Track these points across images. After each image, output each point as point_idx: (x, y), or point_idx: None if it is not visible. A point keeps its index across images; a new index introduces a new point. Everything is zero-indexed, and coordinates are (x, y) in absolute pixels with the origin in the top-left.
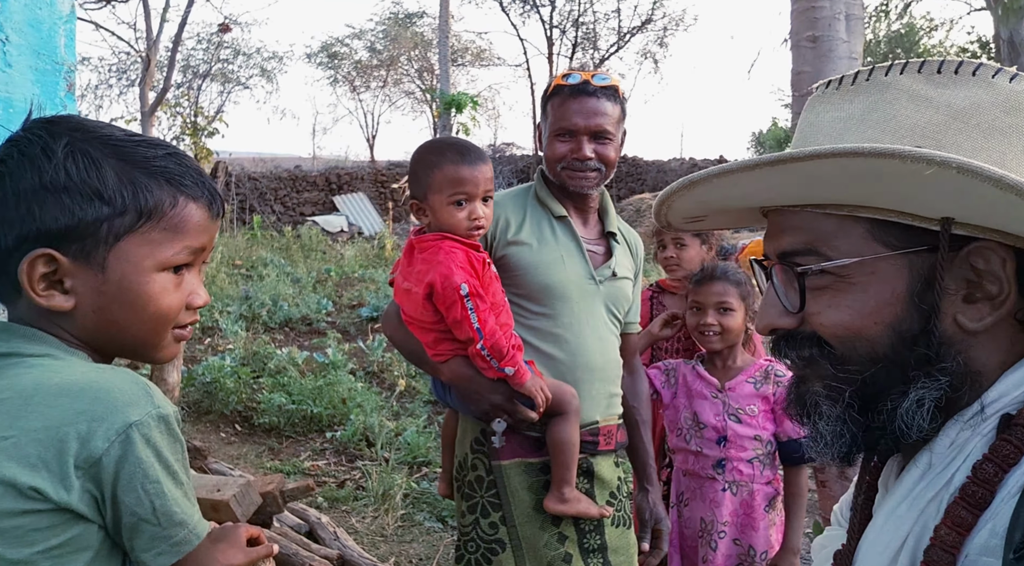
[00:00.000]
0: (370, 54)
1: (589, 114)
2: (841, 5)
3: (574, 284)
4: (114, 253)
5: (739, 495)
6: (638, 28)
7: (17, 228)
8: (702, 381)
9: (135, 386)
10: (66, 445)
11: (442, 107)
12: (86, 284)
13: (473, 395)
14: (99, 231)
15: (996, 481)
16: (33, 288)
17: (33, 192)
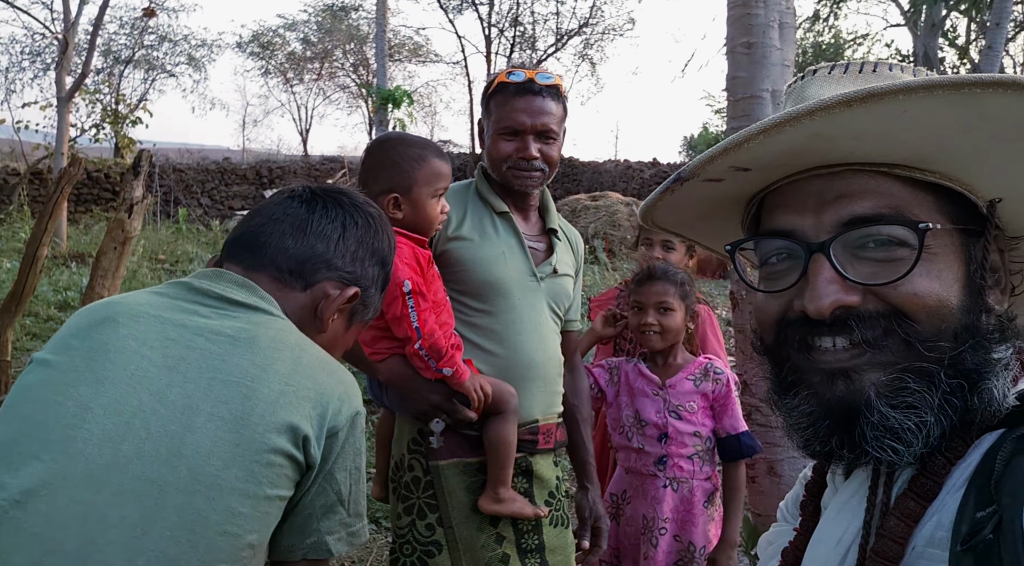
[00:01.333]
0: (304, 46)
1: (534, 113)
2: (775, 13)
3: (515, 281)
4: (356, 326)
5: (679, 491)
6: (576, 31)
7: (352, 263)
8: (644, 379)
9: (355, 382)
10: (326, 411)
11: (378, 102)
12: (339, 326)
13: (411, 395)
14: (369, 307)
15: (944, 474)
16: (334, 305)
17: (376, 254)
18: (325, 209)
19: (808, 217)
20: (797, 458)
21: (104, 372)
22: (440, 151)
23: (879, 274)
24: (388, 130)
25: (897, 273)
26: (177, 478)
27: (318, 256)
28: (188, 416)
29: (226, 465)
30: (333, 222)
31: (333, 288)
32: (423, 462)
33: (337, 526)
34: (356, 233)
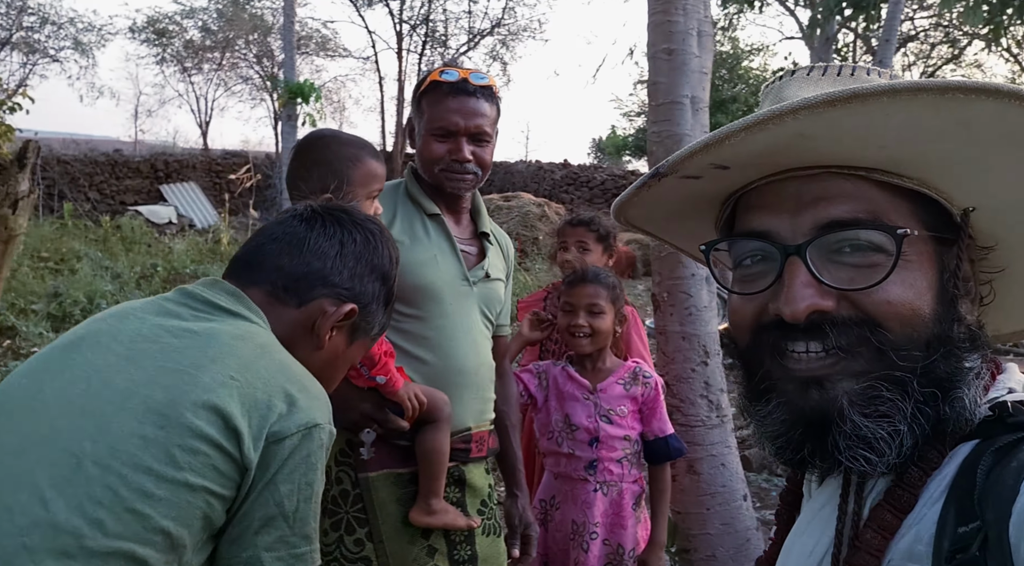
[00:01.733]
0: (203, 34)
1: (469, 114)
2: (694, 21)
3: (447, 285)
4: (358, 343)
5: (609, 495)
6: (488, 31)
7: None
8: (573, 383)
9: (326, 398)
10: (270, 413)
11: (286, 95)
12: (337, 344)
13: (341, 403)
14: (371, 323)
15: (920, 485)
16: (330, 321)
17: (377, 270)
18: (324, 227)
19: (785, 219)
20: (716, 457)
21: (69, 361)
22: (376, 152)
23: (855, 279)
24: (297, 125)
25: (873, 279)
26: (96, 453)
27: (314, 273)
28: (124, 398)
29: (147, 445)
30: (331, 239)
31: (330, 305)
32: (352, 474)
33: (277, 543)
34: (354, 250)
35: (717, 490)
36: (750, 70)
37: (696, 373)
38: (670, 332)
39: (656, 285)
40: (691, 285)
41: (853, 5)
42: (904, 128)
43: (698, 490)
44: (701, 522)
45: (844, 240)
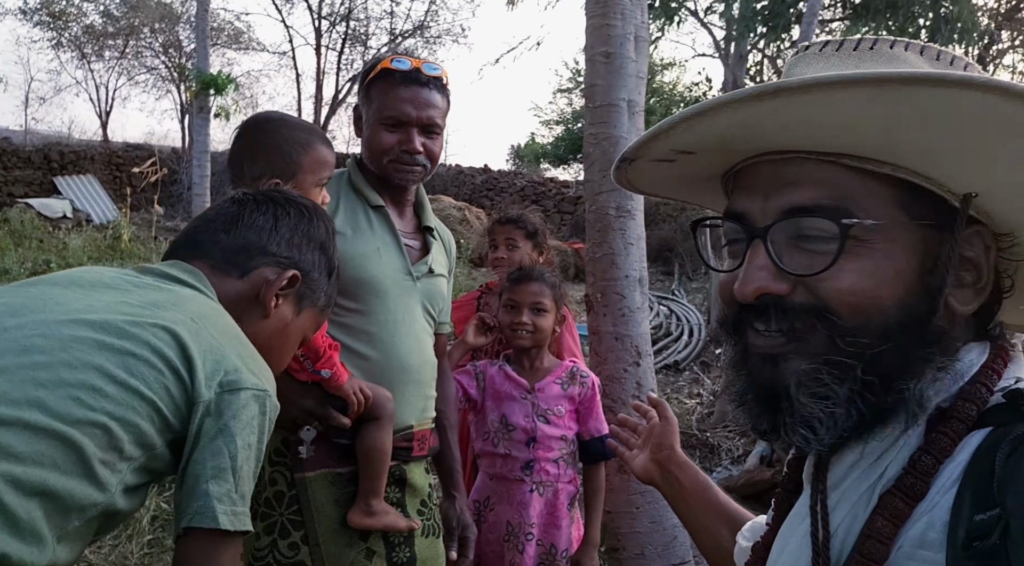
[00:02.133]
0: (104, 20)
1: (421, 105)
2: (631, 26)
3: (390, 279)
4: (306, 311)
5: (545, 495)
6: (410, 33)
7: (287, 248)
8: (511, 382)
9: (273, 377)
10: (224, 361)
11: (198, 87)
12: (284, 314)
13: (280, 399)
14: (316, 292)
15: (933, 473)
16: (273, 287)
17: (314, 241)
18: (256, 205)
19: (757, 201)
20: None
21: (23, 290)
22: (326, 138)
23: (812, 265)
24: (209, 118)
25: (822, 266)
26: (47, 346)
27: (252, 245)
28: (83, 313)
29: (101, 349)
30: (265, 214)
31: (271, 273)
32: (287, 475)
33: (225, 497)
34: (289, 222)
35: (646, 489)
36: (664, 84)
37: (628, 373)
38: (603, 333)
39: (590, 286)
40: (624, 286)
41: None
42: (854, 119)
43: (628, 489)
44: (630, 521)
45: (800, 227)
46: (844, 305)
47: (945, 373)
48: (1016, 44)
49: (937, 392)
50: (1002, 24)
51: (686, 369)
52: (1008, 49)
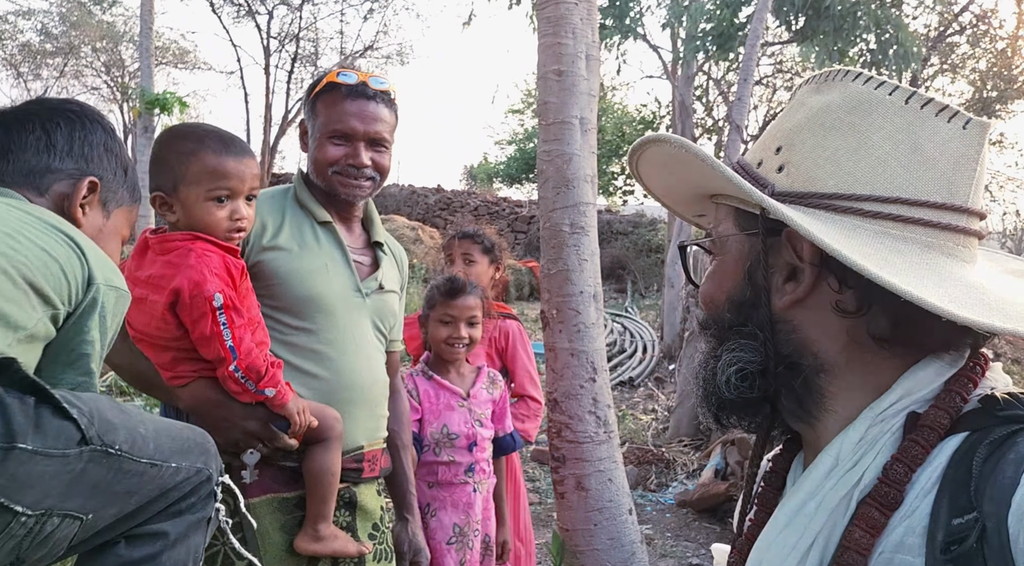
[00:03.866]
0: (42, 38)
1: (368, 119)
2: (583, 45)
3: (339, 296)
4: (116, 212)
5: (482, 492)
6: (360, 53)
7: (73, 160)
8: (447, 392)
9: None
10: (82, 256)
11: (143, 107)
12: (95, 220)
13: (222, 423)
14: (119, 192)
15: (905, 481)
16: (75, 200)
17: (98, 144)
18: (20, 123)
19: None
20: (604, 472)
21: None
22: (226, 145)
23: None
24: (152, 138)
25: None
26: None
27: (35, 167)
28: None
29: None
30: (34, 132)
31: (67, 187)
32: (230, 501)
33: (94, 367)
34: (63, 133)
35: (604, 505)
36: (612, 104)
37: (584, 389)
38: (559, 349)
39: (545, 302)
40: (579, 302)
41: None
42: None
43: (586, 506)
44: (588, 538)
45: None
46: (702, 305)
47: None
48: (945, 67)
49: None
50: (932, 48)
51: (640, 385)
52: (938, 72)
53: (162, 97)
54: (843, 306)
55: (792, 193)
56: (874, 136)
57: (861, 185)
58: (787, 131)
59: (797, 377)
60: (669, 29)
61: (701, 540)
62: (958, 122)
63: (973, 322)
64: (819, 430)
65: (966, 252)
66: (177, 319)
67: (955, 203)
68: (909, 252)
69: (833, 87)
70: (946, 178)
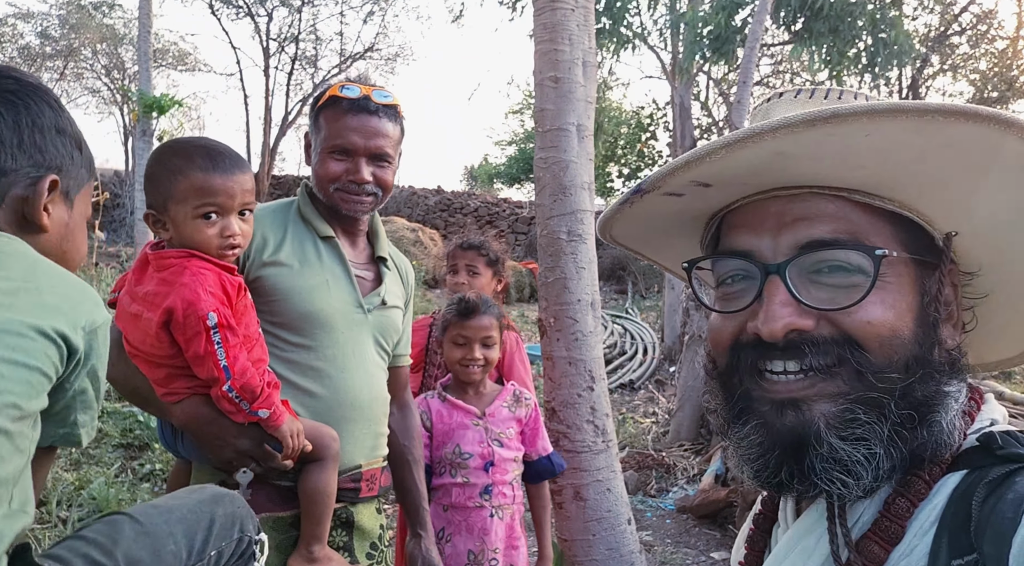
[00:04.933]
0: (42, 40)
1: (369, 134)
2: (579, 52)
3: (339, 312)
4: (78, 197)
5: (504, 519)
6: (360, 55)
7: (25, 155)
8: (460, 411)
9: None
10: (81, 307)
11: (141, 109)
12: (60, 215)
13: (215, 441)
14: (78, 176)
15: (907, 516)
16: (37, 204)
17: (48, 128)
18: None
19: (766, 238)
20: (602, 482)
21: None
22: (214, 161)
23: (834, 299)
24: (152, 141)
25: (851, 299)
26: None
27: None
28: None
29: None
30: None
31: (26, 189)
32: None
33: (89, 420)
34: (6, 123)
35: (603, 515)
36: (611, 103)
37: (582, 398)
38: (556, 357)
39: (543, 310)
40: (577, 310)
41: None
42: (884, 149)
43: (584, 516)
44: (587, 548)
45: (824, 260)
46: (873, 337)
47: (958, 404)
48: (945, 67)
49: (956, 421)
50: (932, 48)
51: (641, 388)
52: (938, 72)
53: (159, 100)
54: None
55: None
56: None
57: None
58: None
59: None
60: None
61: (701, 546)
62: None
63: None
64: None
65: None
66: (171, 337)
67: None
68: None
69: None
70: None
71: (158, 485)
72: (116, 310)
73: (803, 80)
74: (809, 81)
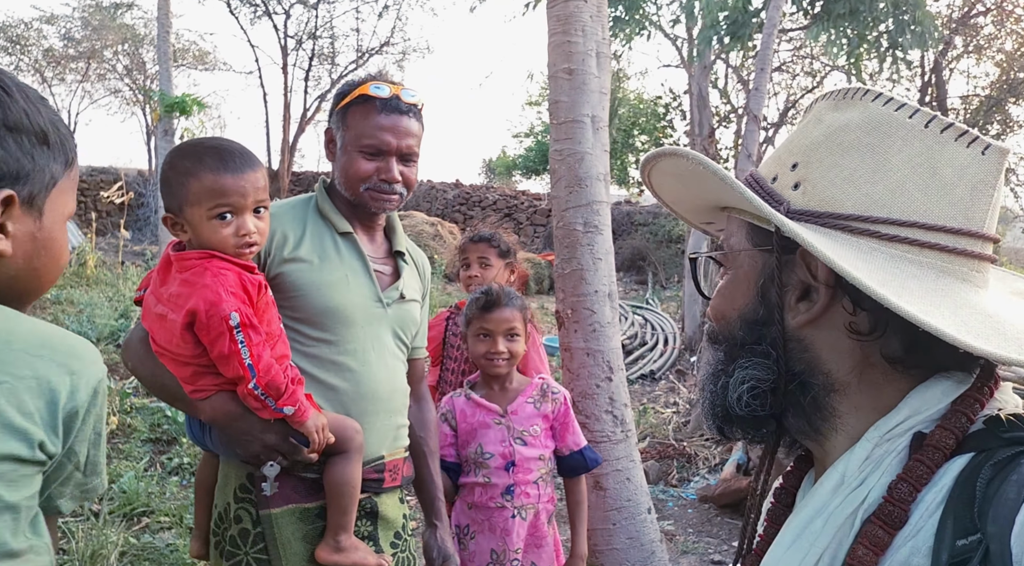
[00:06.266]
0: (65, 43)
1: (401, 134)
2: (593, 43)
3: (359, 307)
4: (49, 200)
5: (527, 519)
6: (377, 50)
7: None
8: (482, 410)
9: (91, 344)
10: (57, 397)
11: (163, 109)
12: (25, 229)
13: (242, 436)
14: (44, 177)
15: (910, 501)
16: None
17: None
18: None
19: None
20: (622, 471)
21: None
22: (224, 161)
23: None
24: (174, 140)
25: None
26: None
27: None
28: None
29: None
30: None
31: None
32: (252, 511)
33: (71, 489)
34: None
35: (623, 504)
36: (629, 93)
37: (601, 389)
38: (575, 349)
39: (560, 302)
40: (594, 301)
41: (731, 34)
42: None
43: (604, 505)
44: (607, 537)
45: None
46: (712, 319)
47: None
48: (969, 50)
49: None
50: (956, 30)
51: (662, 378)
52: (962, 54)
53: (180, 100)
54: (857, 327)
55: (808, 212)
56: (893, 158)
57: (878, 208)
58: (804, 148)
59: (807, 395)
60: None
61: (723, 536)
62: (977, 148)
63: (991, 354)
64: (828, 448)
65: (979, 277)
66: (195, 338)
67: (971, 229)
68: (925, 277)
69: (852, 106)
70: (964, 204)
71: (186, 479)
72: (142, 309)
73: (822, 65)
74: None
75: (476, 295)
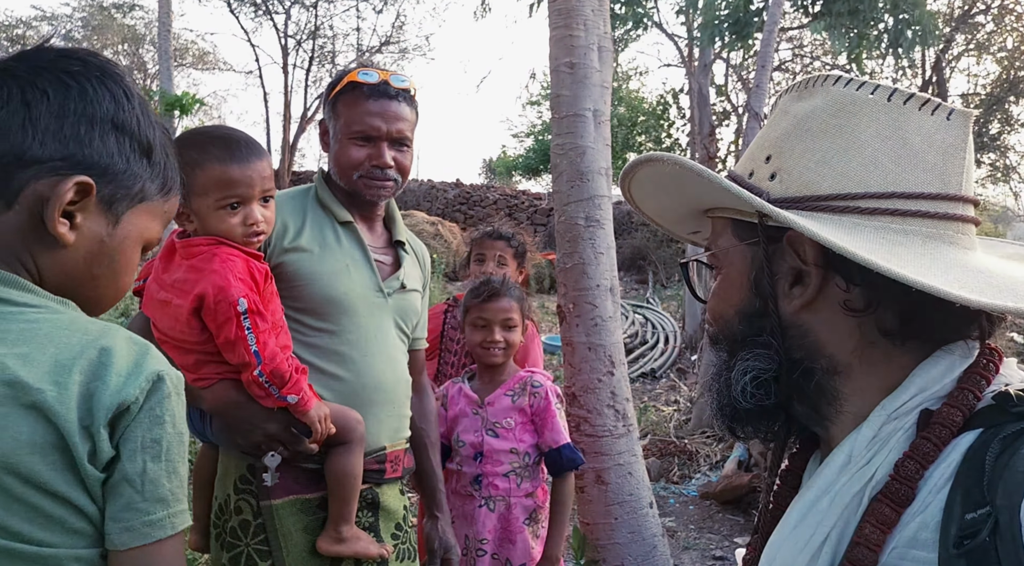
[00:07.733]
0: (66, 43)
1: (390, 118)
2: (594, 37)
3: (360, 296)
4: (132, 213)
5: (496, 510)
6: (376, 48)
7: (60, 145)
8: (465, 399)
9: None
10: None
11: (163, 108)
12: (95, 228)
13: (244, 425)
14: (133, 186)
15: (917, 478)
16: (54, 207)
17: (102, 120)
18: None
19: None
20: (623, 466)
21: None
22: (230, 151)
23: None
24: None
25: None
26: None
27: (3, 157)
28: None
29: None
30: (9, 104)
31: (47, 187)
32: (253, 503)
33: (122, 512)
34: (49, 106)
35: (624, 499)
36: (630, 92)
37: (602, 383)
38: (576, 343)
39: (561, 297)
40: (596, 296)
41: (732, 32)
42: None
43: (606, 500)
44: (609, 531)
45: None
46: (711, 321)
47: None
48: (970, 48)
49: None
50: (956, 28)
51: (663, 376)
52: (963, 52)
53: (181, 99)
54: (852, 304)
55: (788, 199)
56: (862, 135)
57: (855, 184)
58: (775, 140)
59: (811, 381)
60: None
61: (725, 532)
62: (941, 114)
63: (986, 305)
64: (834, 431)
65: (966, 239)
66: (201, 323)
67: (949, 192)
68: (912, 244)
69: (815, 93)
70: (937, 169)
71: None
72: (143, 298)
73: (823, 64)
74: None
75: (475, 285)
